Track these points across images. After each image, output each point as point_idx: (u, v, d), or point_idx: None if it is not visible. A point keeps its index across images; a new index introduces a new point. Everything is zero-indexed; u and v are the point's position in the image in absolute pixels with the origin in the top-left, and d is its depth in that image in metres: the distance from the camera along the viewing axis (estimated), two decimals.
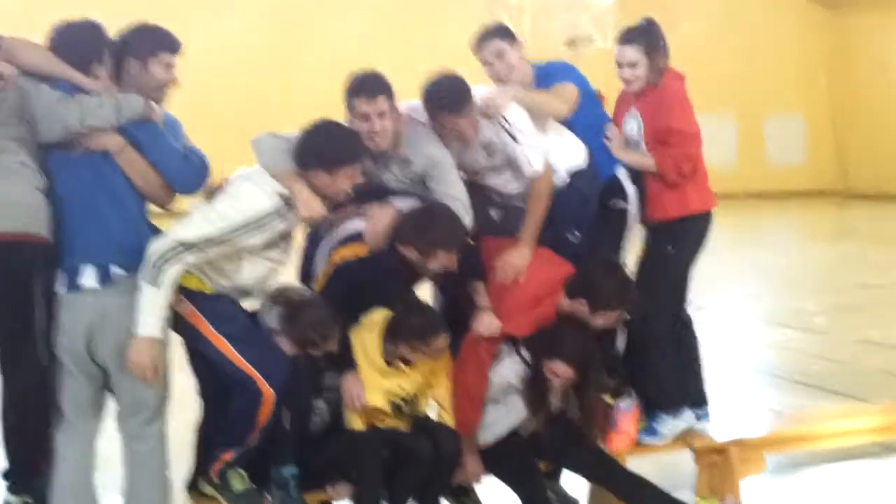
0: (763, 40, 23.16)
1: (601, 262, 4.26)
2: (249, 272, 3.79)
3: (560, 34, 18.32)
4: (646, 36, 4.53)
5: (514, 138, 4.22)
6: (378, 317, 4.05)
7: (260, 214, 3.65)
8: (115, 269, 3.60)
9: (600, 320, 4.12)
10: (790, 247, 15.54)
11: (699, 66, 19.90)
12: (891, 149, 22.51)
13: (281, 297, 3.94)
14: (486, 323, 4.12)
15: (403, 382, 4.07)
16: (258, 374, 3.70)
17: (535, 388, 4.07)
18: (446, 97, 4.10)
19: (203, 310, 3.75)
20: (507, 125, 4.21)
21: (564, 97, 4.43)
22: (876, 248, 14.57)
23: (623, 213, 4.54)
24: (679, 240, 4.57)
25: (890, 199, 21.86)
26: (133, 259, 3.59)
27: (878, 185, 22.93)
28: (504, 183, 4.39)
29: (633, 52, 4.50)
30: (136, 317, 3.54)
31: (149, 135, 3.73)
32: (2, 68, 3.60)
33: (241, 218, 3.63)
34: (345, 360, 4.00)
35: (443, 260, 3.97)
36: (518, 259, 4.20)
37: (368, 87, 4.01)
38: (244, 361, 3.72)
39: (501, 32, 4.51)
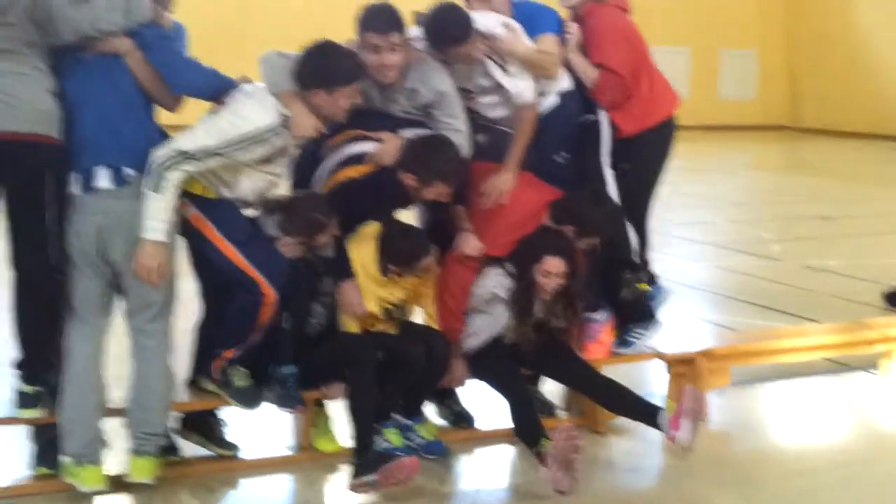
0: None
1: (589, 191, 4.50)
2: (249, 184, 3.92)
3: None
4: None
5: (503, 68, 4.40)
6: (371, 230, 4.23)
7: (258, 130, 3.77)
8: (128, 171, 3.71)
9: (584, 245, 4.35)
10: (745, 177, 15.91)
11: None
12: (841, 86, 22.93)
13: (275, 202, 4.11)
14: (471, 245, 4.33)
15: (396, 290, 4.28)
16: (260, 276, 3.87)
17: (521, 297, 4.28)
18: (452, 30, 4.25)
19: (207, 214, 3.89)
20: (497, 58, 4.38)
21: (553, 57, 4.54)
22: (829, 182, 15.00)
23: (595, 126, 4.72)
24: (632, 157, 4.76)
25: (839, 135, 22.36)
26: (144, 161, 3.70)
27: (828, 121, 23.40)
28: (490, 107, 4.55)
29: None
30: (142, 221, 3.67)
31: (155, 37, 3.83)
32: None
33: (238, 133, 3.75)
34: (341, 268, 4.18)
35: (439, 190, 4.17)
36: (502, 183, 4.40)
37: (382, 21, 4.13)
38: (247, 263, 3.87)
39: None
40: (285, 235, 4.04)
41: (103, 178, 3.70)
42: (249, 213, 4.09)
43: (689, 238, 9.72)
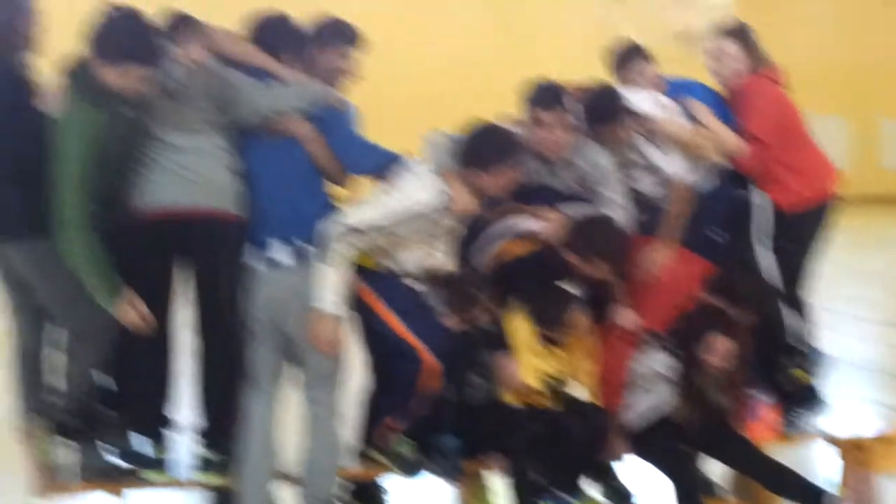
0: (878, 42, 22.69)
1: (739, 262, 4.44)
2: (413, 259, 4.08)
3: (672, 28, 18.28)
4: (741, 33, 4.70)
5: (657, 147, 4.49)
6: None
7: (422, 207, 3.93)
8: (306, 246, 3.90)
9: (738, 317, 4.27)
10: None
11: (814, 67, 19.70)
12: None
13: (437, 275, 4.22)
14: (628, 318, 4.37)
15: (552, 361, 4.31)
16: (419, 343, 3.98)
17: (685, 375, 4.25)
18: (604, 110, 4.38)
19: (373, 286, 4.05)
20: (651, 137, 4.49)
21: (706, 136, 4.55)
22: None
23: (745, 203, 4.67)
24: (792, 234, 4.68)
25: None
26: (317, 234, 3.89)
27: None
28: (650, 185, 4.59)
29: (729, 46, 4.67)
30: (315, 293, 3.84)
31: (334, 121, 4.05)
32: (196, 54, 3.94)
33: (403, 209, 3.92)
34: (499, 341, 4.26)
35: (601, 268, 4.22)
36: (657, 255, 4.41)
37: (549, 97, 4.29)
38: (407, 332, 4.00)
39: (640, 53, 4.73)
40: (446, 308, 4.15)
41: (283, 253, 3.90)
42: (413, 283, 4.22)
43: (854, 315, 9.40)
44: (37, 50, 3.97)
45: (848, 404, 5.71)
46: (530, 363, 4.27)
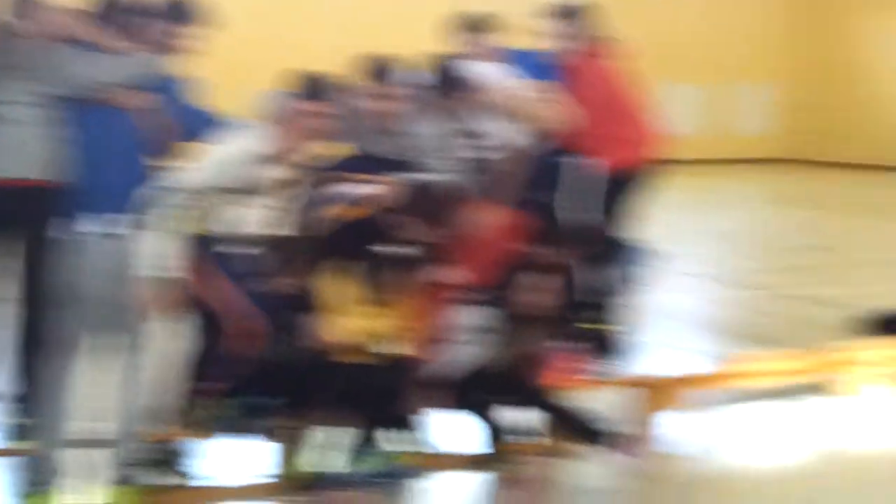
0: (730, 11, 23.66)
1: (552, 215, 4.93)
2: (241, 218, 4.30)
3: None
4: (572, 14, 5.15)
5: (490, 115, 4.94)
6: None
7: (240, 156, 4.18)
8: (126, 215, 4.03)
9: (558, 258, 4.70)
10: (749, 211, 16.07)
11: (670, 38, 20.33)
12: (842, 118, 23.06)
13: (263, 240, 4.44)
14: (451, 275, 4.68)
15: (380, 321, 4.58)
16: (241, 308, 4.22)
17: (503, 323, 4.61)
18: (443, 82, 4.81)
19: (202, 252, 4.26)
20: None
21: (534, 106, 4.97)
22: (830, 215, 15.10)
23: (555, 167, 5.13)
24: (614, 197, 5.11)
25: (835, 166, 22.39)
26: (136, 203, 4.05)
27: (826, 152, 23.45)
28: (487, 150, 4.99)
29: (560, 26, 5.12)
30: (140, 258, 4.01)
31: (167, 90, 4.24)
32: (30, 29, 4.08)
33: (226, 160, 4.16)
34: (315, 301, 4.50)
35: (423, 230, 4.58)
36: (482, 216, 4.75)
37: (382, 74, 4.66)
38: (231, 297, 4.24)
39: (475, 26, 5.13)
40: (267, 270, 4.38)
41: (103, 222, 4.01)
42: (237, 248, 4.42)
43: (682, 270, 9.94)
44: None
45: (659, 352, 6.15)
46: (356, 322, 4.52)
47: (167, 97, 4.25)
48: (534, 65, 5.17)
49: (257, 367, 4.34)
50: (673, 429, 5.22)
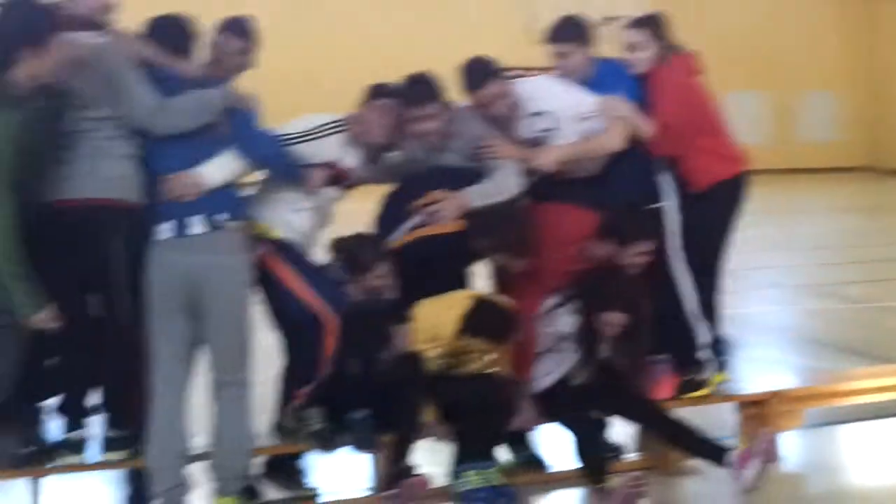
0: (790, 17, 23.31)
1: (620, 205, 4.61)
2: (296, 220, 4.26)
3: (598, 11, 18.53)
4: (651, 23, 4.88)
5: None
6: (459, 297, 4.40)
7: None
8: (219, 218, 3.92)
9: (632, 257, 4.46)
10: (825, 219, 15.70)
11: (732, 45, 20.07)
12: None
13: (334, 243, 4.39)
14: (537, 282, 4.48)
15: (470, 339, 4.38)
16: (320, 303, 4.11)
17: (586, 338, 4.40)
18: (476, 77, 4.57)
19: (280, 256, 4.18)
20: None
21: (611, 132, 4.69)
22: None
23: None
24: (702, 212, 4.85)
25: None
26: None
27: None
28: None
29: (638, 36, 4.82)
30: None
31: (239, 120, 4.08)
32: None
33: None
34: (400, 312, 4.34)
35: (506, 256, 4.46)
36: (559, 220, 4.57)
37: (416, 95, 4.44)
38: (309, 294, 4.13)
39: (568, 33, 4.82)
40: (345, 275, 4.28)
41: (193, 225, 3.90)
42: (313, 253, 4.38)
43: (770, 282, 9.68)
44: None
45: (754, 365, 5.93)
46: (443, 338, 4.34)
47: (238, 123, 4.07)
48: (620, 78, 4.90)
49: (343, 381, 4.20)
50: (789, 445, 4.98)
